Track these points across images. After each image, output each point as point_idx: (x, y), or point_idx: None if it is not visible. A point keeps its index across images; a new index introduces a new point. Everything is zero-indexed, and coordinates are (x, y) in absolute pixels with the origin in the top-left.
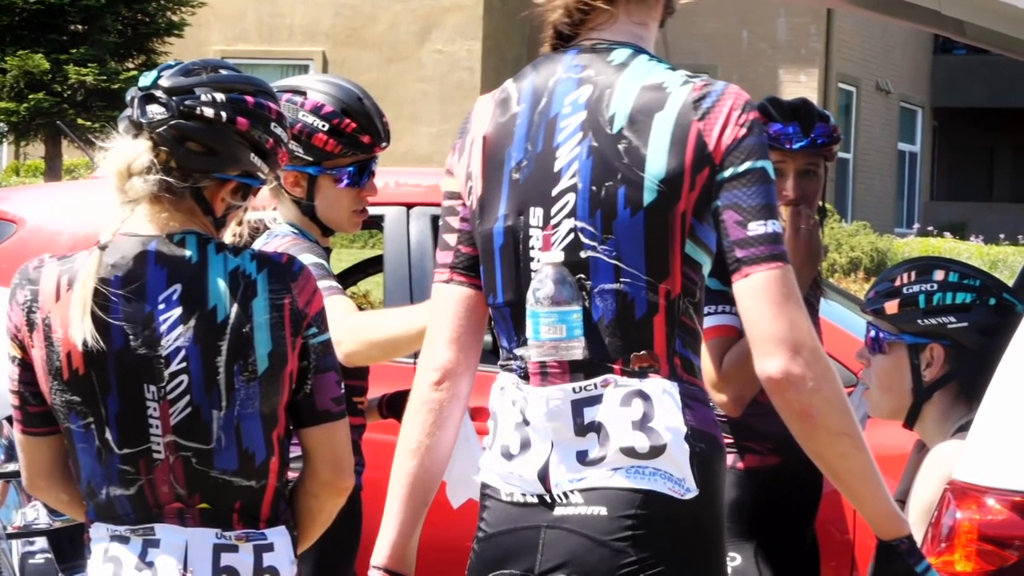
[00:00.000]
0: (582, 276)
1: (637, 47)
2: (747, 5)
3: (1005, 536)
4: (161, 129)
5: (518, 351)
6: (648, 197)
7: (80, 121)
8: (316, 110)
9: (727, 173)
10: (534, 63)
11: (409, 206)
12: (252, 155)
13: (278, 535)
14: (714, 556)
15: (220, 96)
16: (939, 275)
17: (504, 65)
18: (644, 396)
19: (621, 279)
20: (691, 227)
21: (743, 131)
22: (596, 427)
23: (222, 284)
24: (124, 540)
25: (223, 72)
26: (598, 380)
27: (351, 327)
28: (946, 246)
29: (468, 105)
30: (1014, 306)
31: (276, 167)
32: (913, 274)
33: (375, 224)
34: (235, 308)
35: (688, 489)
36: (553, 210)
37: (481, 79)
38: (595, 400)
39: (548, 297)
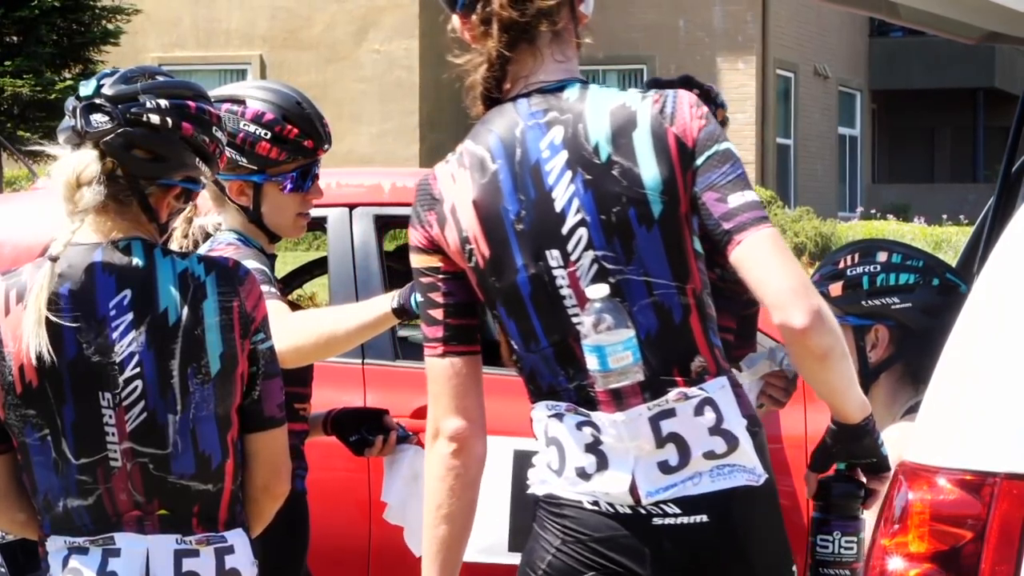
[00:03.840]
0: (618, 300)
1: (580, 80)
2: None
3: (957, 515)
4: (108, 138)
5: (572, 383)
6: (657, 210)
7: (19, 133)
8: (257, 119)
9: (699, 160)
10: (482, 121)
11: (351, 206)
12: (196, 159)
13: (237, 537)
14: (782, 519)
15: (164, 102)
16: (882, 256)
17: (442, 62)
18: (711, 402)
19: (654, 292)
20: (692, 223)
21: (703, 122)
22: (674, 438)
23: (172, 287)
24: (83, 551)
25: (161, 79)
26: (670, 395)
27: (284, 328)
28: (890, 228)
29: (408, 103)
30: (958, 286)
31: (217, 170)
32: (856, 256)
33: (318, 226)
34: (186, 310)
35: (759, 475)
36: (569, 247)
37: (420, 77)
38: (669, 413)
39: (610, 329)
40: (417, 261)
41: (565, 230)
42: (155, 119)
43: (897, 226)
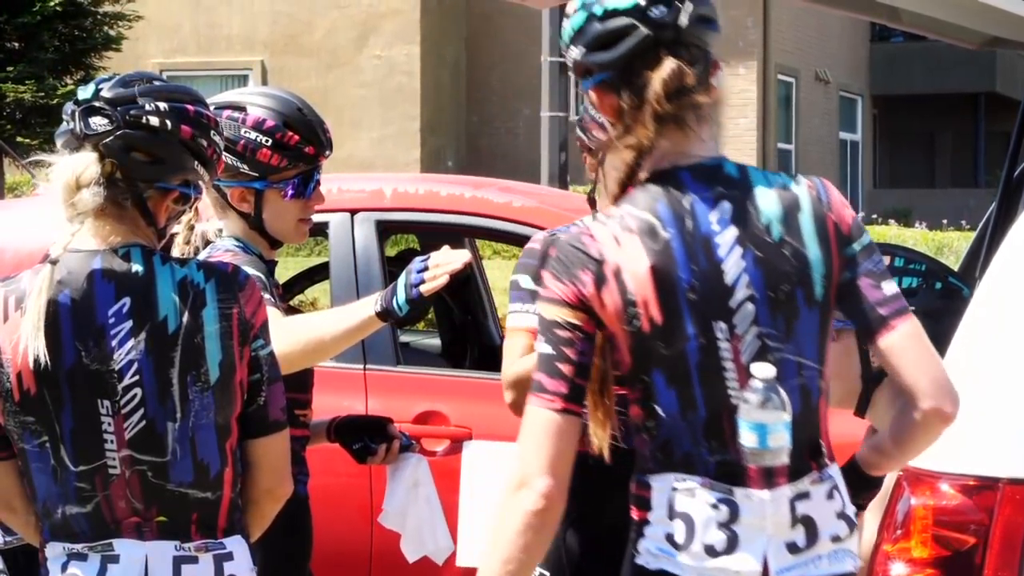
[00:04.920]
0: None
1: (732, 161)
2: None
3: (960, 520)
4: (107, 140)
5: (714, 457)
6: (819, 292)
7: (20, 139)
8: (258, 125)
9: (855, 248)
10: (640, 189)
11: (353, 212)
12: (195, 163)
13: (236, 544)
14: None
15: (163, 105)
16: (884, 260)
17: (443, 67)
18: (838, 488)
19: (802, 373)
20: (834, 309)
21: (850, 211)
22: (806, 520)
23: (171, 295)
24: (82, 558)
25: (158, 83)
26: (809, 478)
27: (272, 335)
28: (891, 233)
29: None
30: (960, 290)
31: (215, 175)
32: None
33: (320, 231)
34: (186, 318)
35: (857, 561)
36: (735, 321)
37: (420, 82)
38: (805, 496)
39: (775, 409)
40: (554, 313)
41: (733, 303)
42: (154, 121)
43: (898, 231)
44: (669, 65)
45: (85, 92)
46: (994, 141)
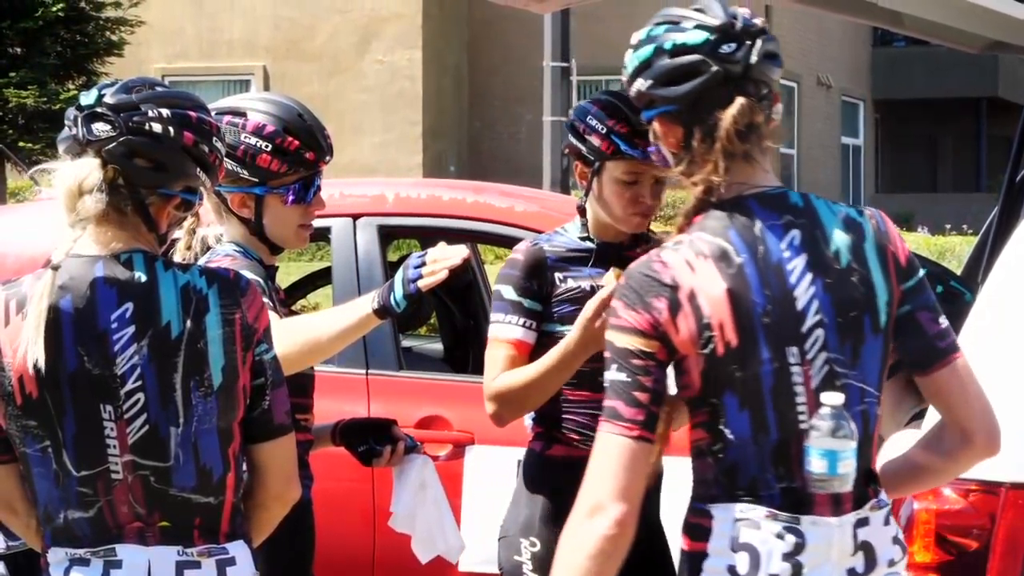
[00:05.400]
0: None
1: (794, 190)
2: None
3: (962, 525)
4: (110, 146)
5: (781, 484)
6: (883, 319)
7: (22, 144)
8: (258, 131)
9: (912, 282)
10: (712, 216)
11: (355, 217)
12: (197, 169)
13: (239, 548)
14: None
15: (166, 111)
16: None
17: (445, 72)
18: (891, 512)
19: (864, 400)
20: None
21: (905, 244)
22: (865, 546)
23: (174, 300)
24: (84, 563)
25: (160, 89)
26: (868, 504)
27: (274, 335)
28: None
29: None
30: (963, 294)
31: (217, 181)
32: None
33: (322, 236)
34: (188, 324)
35: None
36: (806, 346)
37: (422, 87)
38: (865, 522)
39: (847, 436)
40: (627, 342)
41: (804, 329)
42: (157, 128)
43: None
44: (740, 103)
45: (88, 98)
46: (996, 145)
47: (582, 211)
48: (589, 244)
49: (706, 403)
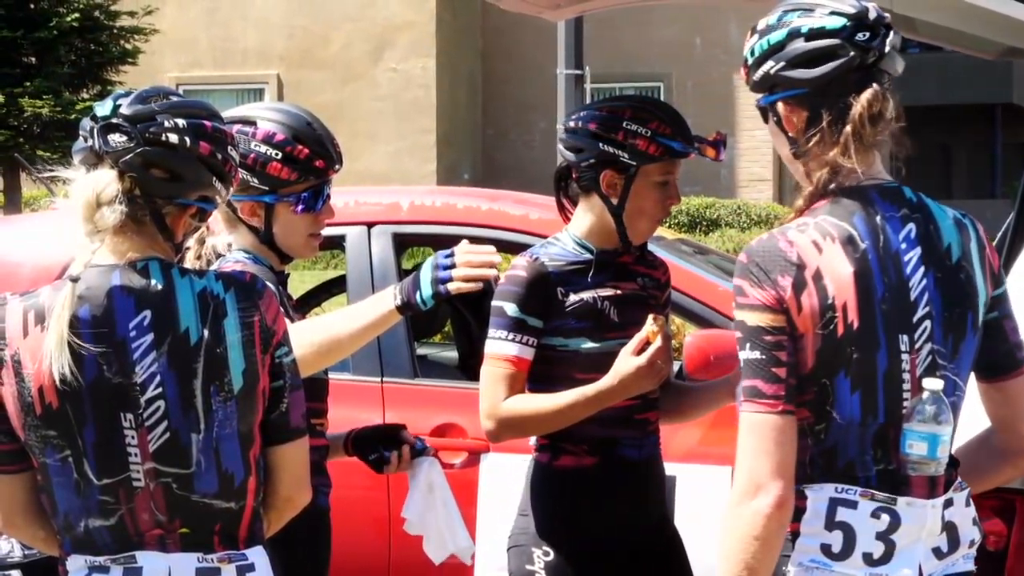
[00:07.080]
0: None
1: (907, 187)
2: (699, 12)
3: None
4: (127, 157)
5: (878, 466)
6: (982, 319)
7: (39, 153)
8: (268, 139)
9: (1001, 290)
10: (837, 202)
11: (370, 225)
12: (212, 178)
13: (258, 555)
14: None
15: (181, 122)
16: None
17: (458, 80)
18: (970, 495)
19: (956, 392)
20: None
21: (997, 255)
22: (950, 526)
23: (191, 306)
24: (104, 570)
25: (175, 98)
26: (953, 486)
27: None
28: None
29: (424, 122)
30: None
31: (232, 190)
32: None
33: (337, 244)
34: (207, 329)
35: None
36: (916, 335)
37: (436, 95)
38: (950, 503)
39: (947, 423)
40: (759, 319)
41: (915, 319)
42: (174, 138)
43: None
44: (874, 89)
45: (103, 108)
46: (1011, 152)
47: (567, 219)
48: (587, 255)
49: (816, 383)
